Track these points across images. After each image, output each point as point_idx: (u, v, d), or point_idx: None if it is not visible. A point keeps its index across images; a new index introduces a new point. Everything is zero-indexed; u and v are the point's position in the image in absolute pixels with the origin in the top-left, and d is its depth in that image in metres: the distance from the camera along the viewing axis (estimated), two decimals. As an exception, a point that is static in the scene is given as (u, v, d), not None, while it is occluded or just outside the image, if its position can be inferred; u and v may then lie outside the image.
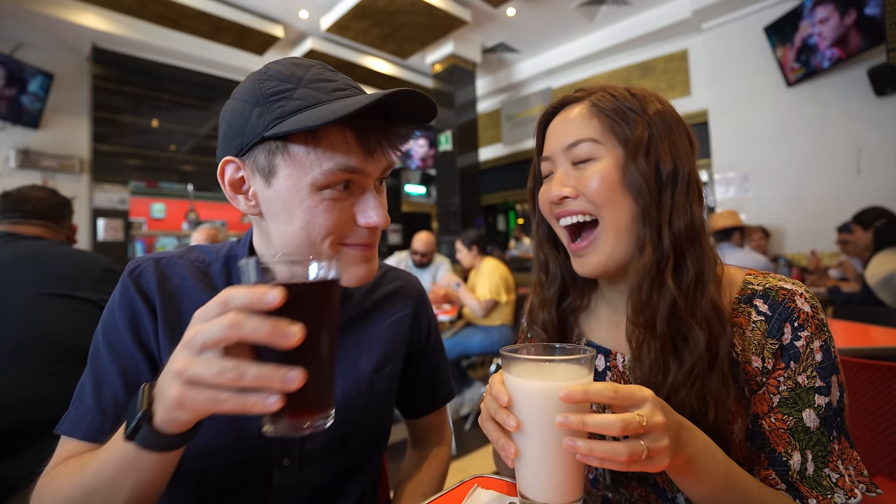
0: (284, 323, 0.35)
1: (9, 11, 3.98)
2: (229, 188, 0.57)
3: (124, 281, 0.61)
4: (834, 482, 0.50)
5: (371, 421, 0.69)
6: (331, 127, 0.51)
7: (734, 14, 4.30)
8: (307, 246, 0.55)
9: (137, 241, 5.07)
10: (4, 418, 1.03)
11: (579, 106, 0.61)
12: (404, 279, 0.80)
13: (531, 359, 0.47)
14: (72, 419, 0.56)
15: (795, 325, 0.53)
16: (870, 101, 3.65)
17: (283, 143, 0.52)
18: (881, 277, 2.33)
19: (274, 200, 0.55)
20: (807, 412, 0.52)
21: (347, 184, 0.54)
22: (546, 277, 0.70)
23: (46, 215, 1.34)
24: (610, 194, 0.57)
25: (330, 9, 4.64)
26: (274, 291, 0.35)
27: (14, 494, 1.03)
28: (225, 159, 0.56)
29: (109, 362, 0.57)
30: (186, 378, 0.36)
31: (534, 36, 5.27)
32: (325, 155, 0.51)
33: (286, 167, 0.53)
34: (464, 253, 3.29)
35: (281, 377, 0.35)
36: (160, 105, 5.06)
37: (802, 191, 4.00)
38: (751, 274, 0.59)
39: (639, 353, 0.57)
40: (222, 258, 0.67)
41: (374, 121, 0.53)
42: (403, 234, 7.41)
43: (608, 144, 0.58)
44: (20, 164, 4.17)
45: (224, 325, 0.35)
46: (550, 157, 0.63)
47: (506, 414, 0.44)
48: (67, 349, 1.14)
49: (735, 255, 2.66)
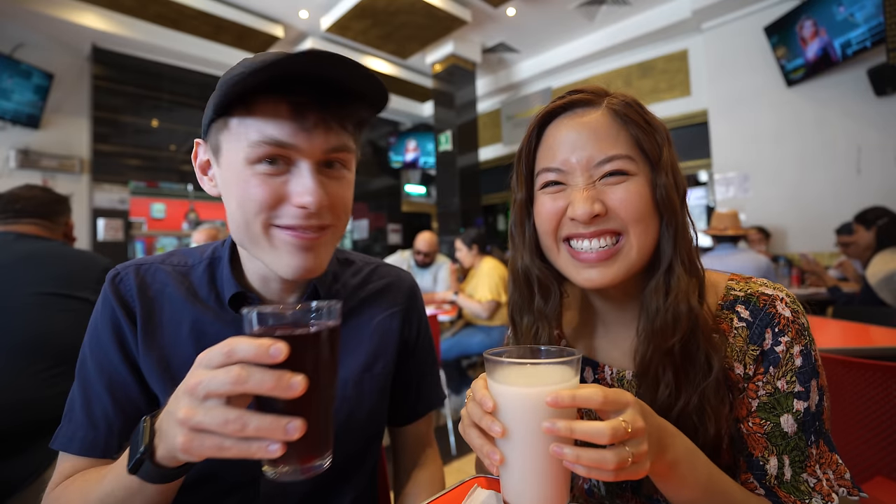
0: (288, 375, 0.36)
1: (9, 11, 3.98)
2: (199, 170, 0.61)
3: (105, 290, 0.61)
4: (811, 487, 0.50)
5: (361, 422, 0.66)
6: (263, 100, 0.51)
7: (734, 14, 4.29)
8: (243, 227, 0.54)
9: (137, 241, 5.07)
10: (4, 419, 1.03)
11: (596, 113, 0.55)
12: (394, 275, 0.77)
13: (516, 362, 0.45)
14: (64, 434, 0.57)
15: (776, 331, 0.53)
16: (870, 101, 3.65)
17: (224, 119, 0.53)
18: (882, 276, 2.33)
19: (222, 179, 0.56)
20: (784, 417, 0.52)
21: (276, 159, 0.52)
22: (547, 302, 0.62)
23: (38, 213, 1.33)
24: (646, 212, 0.53)
25: (330, 9, 4.64)
26: (278, 345, 0.36)
27: (14, 494, 1.03)
28: (196, 141, 0.60)
29: (96, 376, 0.58)
30: (191, 426, 0.37)
31: (534, 36, 5.27)
32: (255, 126, 0.51)
33: (226, 142, 0.54)
34: (464, 252, 3.29)
35: (282, 428, 0.36)
36: (160, 105, 5.06)
37: (802, 191, 4.00)
38: (733, 279, 0.59)
39: (652, 376, 0.54)
40: (205, 260, 0.66)
41: (312, 95, 0.51)
42: (403, 234, 7.40)
43: (639, 161, 0.54)
44: (20, 164, 4.17)
45: (229, 379, 0.36)
46: (564, 170, 0.55)
47: (490, 420, 0.43)
48: (67, 349, 1.14)
49: (734, 256, 2.63)
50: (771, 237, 4.01)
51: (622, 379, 0.62)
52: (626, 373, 0.61)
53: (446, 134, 5.43)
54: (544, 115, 0.59)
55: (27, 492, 1.04)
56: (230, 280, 0.62)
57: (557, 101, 0.58)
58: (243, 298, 0.62)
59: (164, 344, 0.59)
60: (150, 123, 5.01)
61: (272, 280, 0.62)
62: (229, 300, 0.61)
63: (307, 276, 0.56)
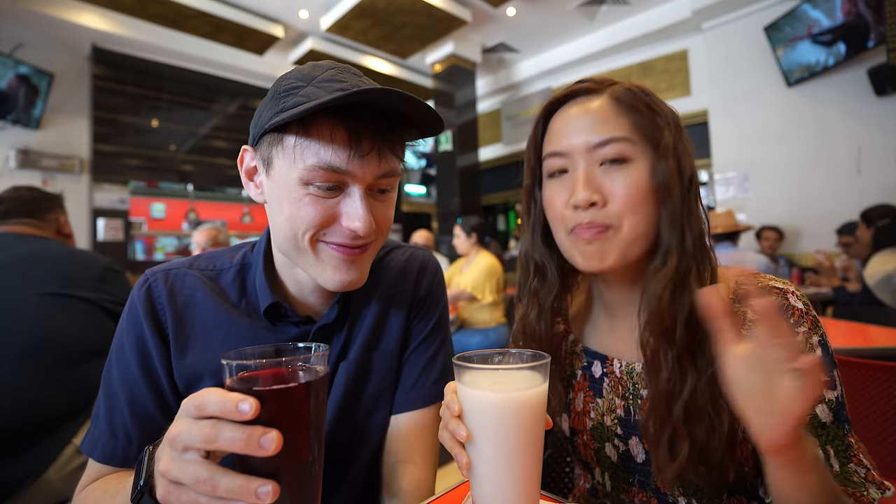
0: (259, 433, 0.34)
1: (9, 11, 3.98)
2: (245, 175, 0.60)
3: (133, 299, 0.60)
4: (863, 477, 0.49)
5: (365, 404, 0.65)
6: (322, 123, 0.51)
7: (734, 14, 4.29)
8: (291, 239, 0.55)
9: (137, 241, 5.07)
10: (4, 419, 1.03)
11: (599, 99, 0.56)
12: (408, 255, 0.75)
13: (480, 367, 0.44)
14: (90, 439, 0.58)
15: (791, 322, 0.53)
16: (870, 101, 3.65)
17: (280, 134, 0.53)
18: (880, 277, 2.33)
19: (271, 191, 0.56)
20: (820, 407, 0.51)
21: (333, 186, 0.53)
22: (543, 285, 0.65)
23: (23, 212, 1.33)
24: (642, 202, 0.54)
25: (330, 9, 4.63)
26: (247, 403, 0.34)
27: (14, 494, 1.03)
28: (244, 147, 0.59)
29: (119, 385, 0.58)
30: (170, 479, 0.37)
31: (534, 36, 5.27)
32: (312, 149, 0.51)
33: (280, 158, 0.54)
34: (461, 238, 3.21)
35: (252, 491, 0.34)
36: (160, 105, 5.06)
37: (802, 191, 4.00)
38: (741, 274, 0.59)
39: (653, 361, 0.54)
40: (236, 266, 0.66)
41: (370, 121, 0.52)
42: (403, 234, 7.41)
43: (639, 145, 0.54)
44: (20, 164, 4.17)
45: (200, 437, 0.35)
46: (567, 154, 0.57)
47: (456, 424, 0.43)
48: (67, 349, 1.14)
49: (734, 255, 2.63)
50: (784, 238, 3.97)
51: (631, 371, 0.62)
52: (636, 365, 0.61)
53: (446, 134, 5.42)
54: (550, 103, 0.61)
55: (27, 492, 1.04)
56: (265, 289, 0.62)
57: (563, 91, 0.60)
58: (277, 308, 0.62)
59: (198, 350, 0.60)
60: (150, 123, 5.01)
61: (307, 287, 0.63)
62: (264, 311, 0.61)
63: (350, 289, 0.58)
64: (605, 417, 0.63)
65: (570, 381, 0.68)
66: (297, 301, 0.65)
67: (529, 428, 0.42)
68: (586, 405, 0.66)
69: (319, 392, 0.39)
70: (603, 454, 0.63)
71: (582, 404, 0.66)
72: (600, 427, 0.64)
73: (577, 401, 0.67)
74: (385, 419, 0.69)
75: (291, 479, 0.37)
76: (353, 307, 0.67)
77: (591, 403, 0.65)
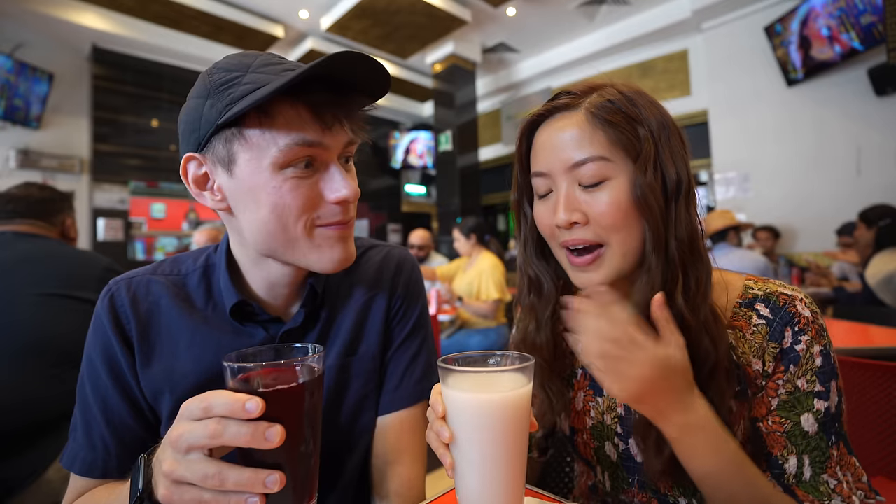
0: (264, 427, 0.37)
1: (9, 11, 3.98)
2: (194, 185, 0.56)
3: (98, 311, 0.59)
4: (832, 488, 0.50)
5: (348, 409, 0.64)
6: (282, 105, 0.50)
7: (734, 14, 4.29)
8: (280, 232, 0.53)
9: (137, 241, 5.07)
10: (5, 419, 1.03)
11: (575, 115, 0.55)
12: (384, 254, 0.74)
13: (463, 370, 0.44)
14: (69, 453, 0.58)
15: (796, 330, 0.53)
16: (870, 101, 3.65)
17: (237, 128, 0.51)
18: (881, 278, 2.32)
19: (239, 190, 0.53)
20: (805, 416, 0.51)
21: (309, 161, 0.52)
22: (539, 299, 0.65)
23: (32, 212, 1.31)
24: (624, 219, 0.53)
25: (330, 9, 4.64)
26: (253, 402, 0.36)
27: (15, 495, 1.03)
28: (186, 156, 0.55)
29: (92, 397, 0.58)
30: (173, 479, 0.38)
31: (534, 36, 5.27)
32: (281, 132, 0.50)
33: (244, 152, 0.51)
34: (461, 241, 3.21)
35: (261, 482, 0.37)
36: (160, 105, 5.06)
37: (802, 191, 4.00)
38: (750, 279, 0.59)
39: None
40: (200, 268, 0.64)
41: (327, 94, 0.52)
42: (403, 234, 7.41)
43: (618, 160, 0.53)
44: (20, 164, 4.17)
45: (205, 434, 0.37)
46: (548, 174, 0.57)
47: (440, 425, 0.44)
48: (68, 350, 1.14)
49: (733, 255, 2.62)
50: (780, 237, 3.97)
51: None
52: None
53: (446, 134, 5.43)
54: (530, 123, 0.60)
55: (27, 492, 1.04)
56: (230, 288, 0.60)
57: (539, 109, 0.60)
58: (244, 307, 0.60)
59: (163, 359, 0.59)
60: (150, 123, 5.01)
61: (279, 286, 0.61)
62: (230, 310, 0.60)
63: (345, 266, 0.58)
64: (606, 416, 0.63)
65: (570, 380, 0.69)
66: (267, 302, 0.63)
67: (511, 430, 0.42)
68: (586, 404, 0.66)
69: (315, 390, 0.42)
70: (603, 453, 0.64)
71: (582, 403, 0.66)
72: (600, 426, 0.64)
73: (578, 399, 0.67)
74: (371, 422, 0.68)
75: (292, 470, 0.39)
76: (327, 311, 0.65)
77: (591, 402, 0.65)
